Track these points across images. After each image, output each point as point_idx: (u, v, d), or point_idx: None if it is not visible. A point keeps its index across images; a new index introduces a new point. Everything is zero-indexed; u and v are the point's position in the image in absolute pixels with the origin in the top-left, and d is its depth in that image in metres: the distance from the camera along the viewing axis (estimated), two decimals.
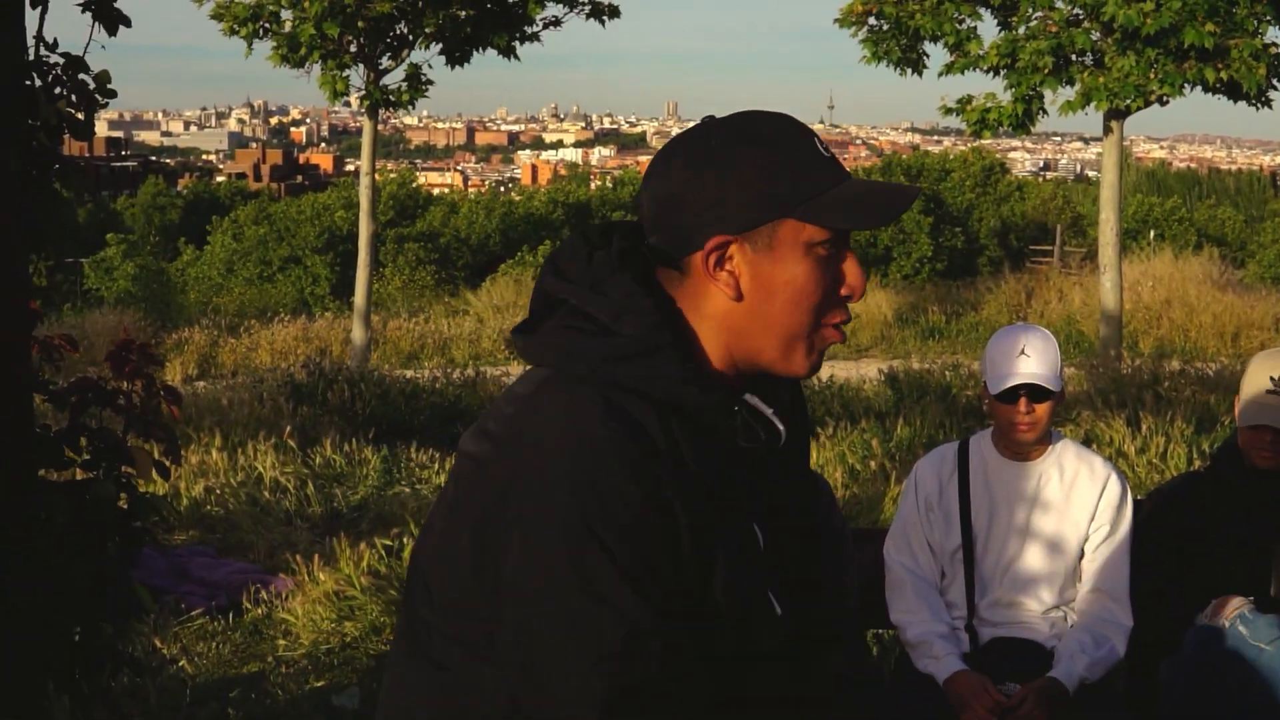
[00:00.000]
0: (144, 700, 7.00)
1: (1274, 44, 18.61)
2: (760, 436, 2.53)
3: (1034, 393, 4.89)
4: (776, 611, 2.52)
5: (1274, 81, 18.83)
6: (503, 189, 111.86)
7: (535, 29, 21.71)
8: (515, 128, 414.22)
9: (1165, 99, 18.60)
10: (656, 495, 2.27)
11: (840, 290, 2.48)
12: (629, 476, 2.25)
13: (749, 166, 2.39)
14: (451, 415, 15.27)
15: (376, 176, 23.29)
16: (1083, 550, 5.03)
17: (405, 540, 9.24)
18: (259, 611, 8.55)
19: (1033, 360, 4.89)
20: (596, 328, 2.39)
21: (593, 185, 69.06)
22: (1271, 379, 5.15)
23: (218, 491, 11.05)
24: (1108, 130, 19.90)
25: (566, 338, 2.40)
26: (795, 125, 2.47)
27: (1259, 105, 19.31)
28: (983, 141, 27.28)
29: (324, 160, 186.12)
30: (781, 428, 2.59)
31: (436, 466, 12.18)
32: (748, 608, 2.44)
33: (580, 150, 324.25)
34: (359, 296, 22.25)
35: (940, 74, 20.10)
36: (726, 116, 2.50)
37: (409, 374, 18.11)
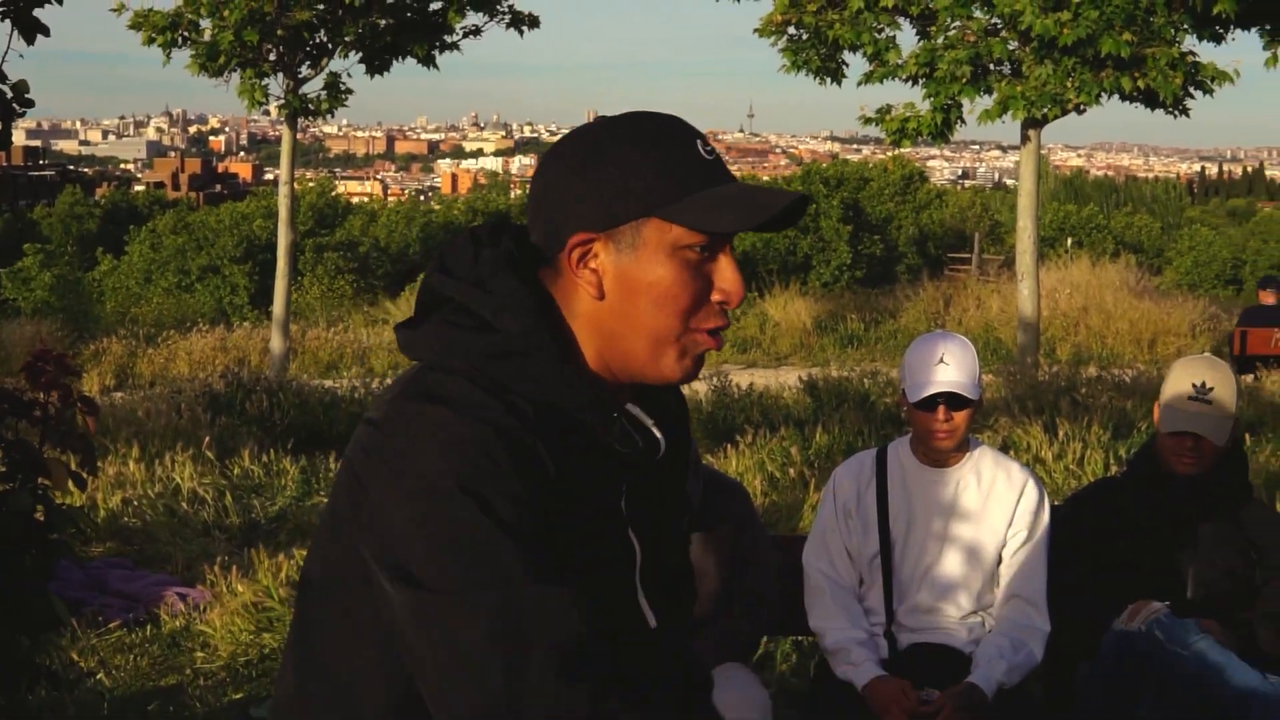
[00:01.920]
0: (62, 714, 6.94)
1: (1191, 53, 18.75)
2: (638, 444, 2.49)
3: (952, 400, 4.91)
4: (650, 623, 2.52)
5: (1190, 90, 18.96)
6: (422, 198, 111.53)
7: (455, 38, 21.66)
8: (435, 136, 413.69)
9: (1082, 108, 18.70)
10: (531, 471, 2.26)
11: (713, 295, 2.42)
12: (506, 450, 2.24)
13: (619, 164, 2.37)
14: None
15: (295, 185, 23.20)
16: (1000, 556, 5.05)
17: None
18: (177, 623, 8.48)
19: (951, 368, 4.91)
20: (477, 324, 2.38)
21: (513, 194, 69.20)
22: (1193, 385, 5.20)
23: (135, 503, 10.96)
24: (1025, 139, 20.00)
25: (447, 333, 2.39)
26: (678, 125, 2.44)
27: (1176, 114, 19.45)
28: (902, 150, 27.37)
29: (243, 169, 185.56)
30: (661, 438, 2.55)
31: None
32: (617, 617, 2.43)
33: (501, 159, 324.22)
34: (277, 306, 22.15)
35: (859, 83, 20.16)
36: (614, 116, 2.49)
37: (328, 384, 18.01)
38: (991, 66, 19.08)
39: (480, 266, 2.42)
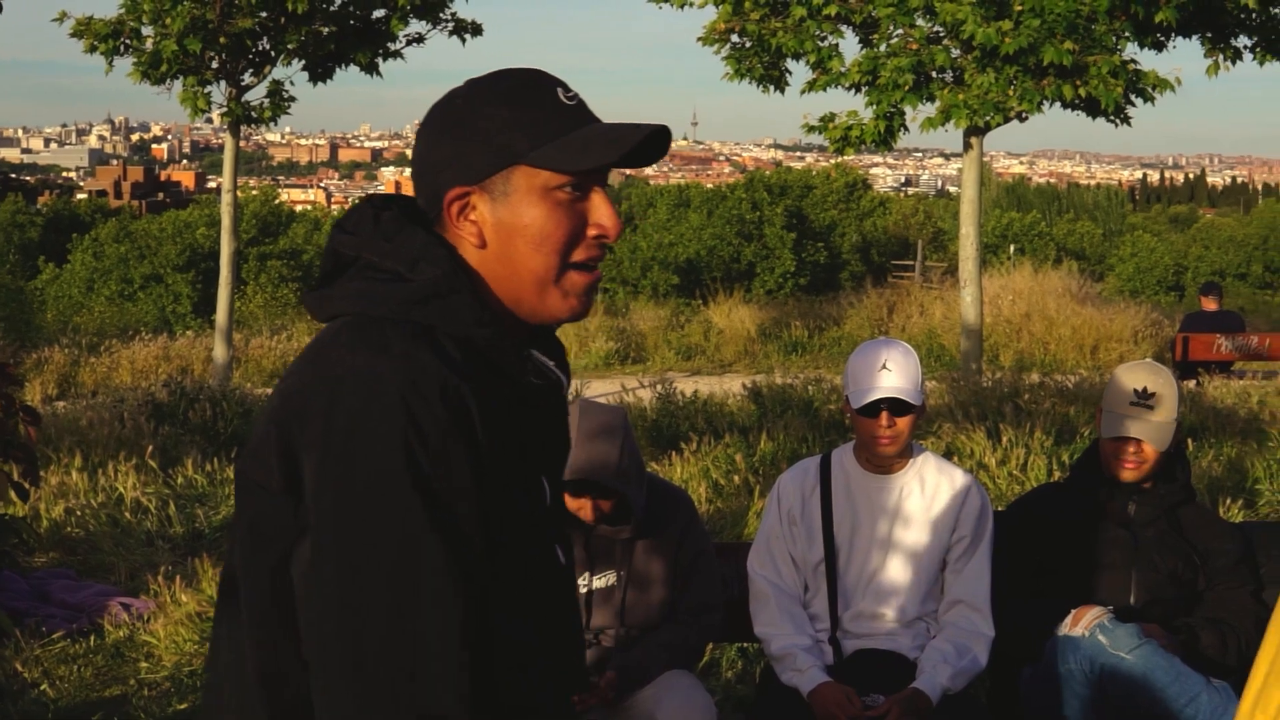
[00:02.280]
0: None
1: (1132, 61, 18.82)
2: (551, 378, 2.63)
3: (895, 406, 4.93)
4: (560, 560, 2.63)
5: (1131, 98, 19.05)
6: None
7: (398, 46, 21.63)
8: (379, 144, 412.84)
9: (1024, 115, 18.76)
10: (464, 420, 2.35)
11: (589, 230, 2.54)
12: (438, 398, 2.32)
13: (483, 120, 2.50)
14: None
15: (239, 194, 23.10)
16: (944, 561, 5.08)
17: None
18: (121, 634, 8.45)
19: (894, 374, 4.93)
20: (392, 276, 2.48)
21: None
22: (1135, 390, 5.23)
23: (78, 513, 10.90)
24: (968, 146, 20.06)
25: (365, 286, 2.48)
26: (538, 76, 2.57)
27: (1117, 121, 19.54)
28: (845, 158, 27.49)
29: (186, 177, 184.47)
30: (563, 378, 2.69)
31: None
32: (535, 557, 2.53)
33: None
34: (220, 315, 22.03)
35: (803, 91, 20.15)
36: (477, 76, 2.61)
37: (271, 392, 17.99)
38: (934, 74, 19.12)
39: (384, 226, 2.53)
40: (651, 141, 2.55)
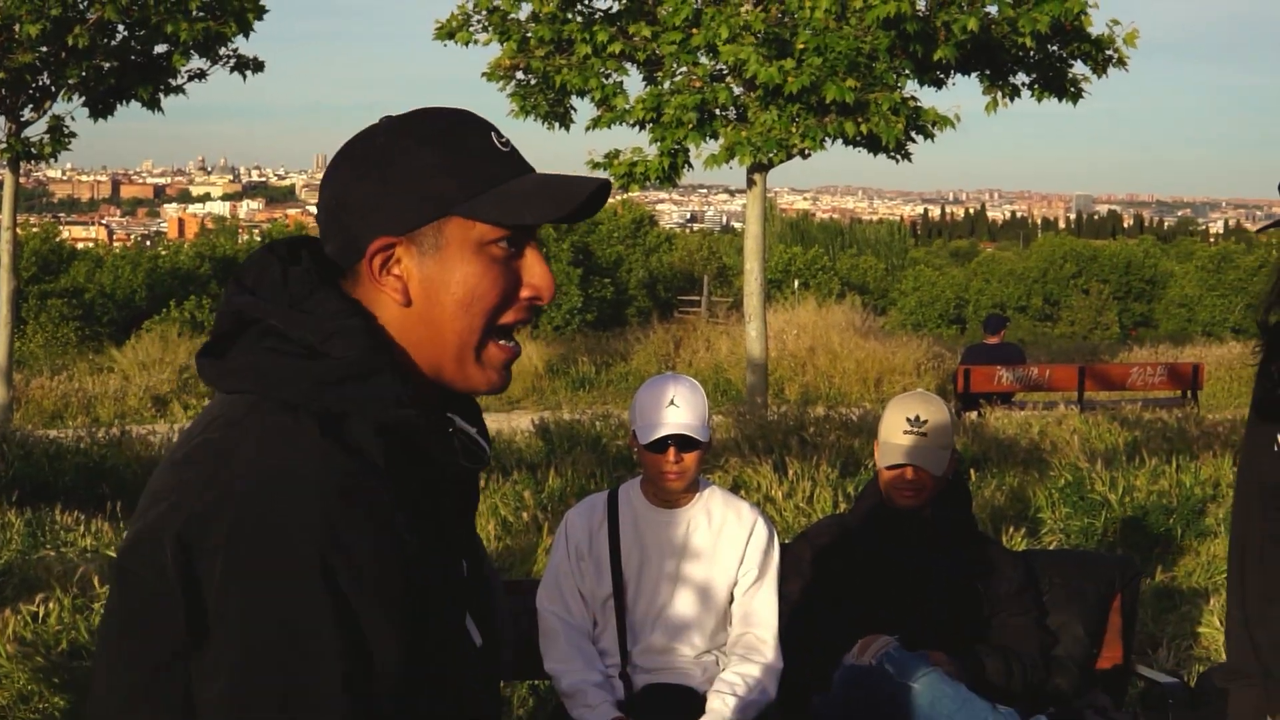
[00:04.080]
0: None
1: (913, 98, 19.14)
2: (479, 455, 2.45)
3: (682, 442, 4.95)
4: (476, 642, 2.44)
5: (912, 134, 19.36)
6: (149, 243, 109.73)
7: (180, 81, 21.40)
8: (162, 180, 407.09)
9: (807, 152, 18.97)
10: (388, 527, 2.14)
11: (522, 292, 2.35)
12: (363, 510, 2.12)
13: (412, 164, 2.28)
14: (98, 475, 14.87)
15: (18, 231, 22.70)
16: (732, 595, 5.10)
17: (51, 605, 8.97)
18: None
19: (681, 410, 4.95)
20: (302, 349, 2.23)
21: (241, 238, 68.36)
22: (908, 419, 5.31)
23: None
24: (751, 183, 20.25)
25: (269, 360, 2.23)
26: (468, 119, 2.37)
27: (898, 158, 19.88)
28: (631, 194, 27.54)
29: None
30: (486, 447, 2.50)
31: (82, 529, 11.85)
32: (452, 639, 2.35)
33: (228, 203, 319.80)
34: None
35: (588, 128, 20.26)
36: (400, 114, 2.39)
37: (53, 434, 17.64)
38: (718, 112, 19.30)
39: (292, 285, 2.28)
40: (592, 195, 2.33)
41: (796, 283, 55.59)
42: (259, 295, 2.28)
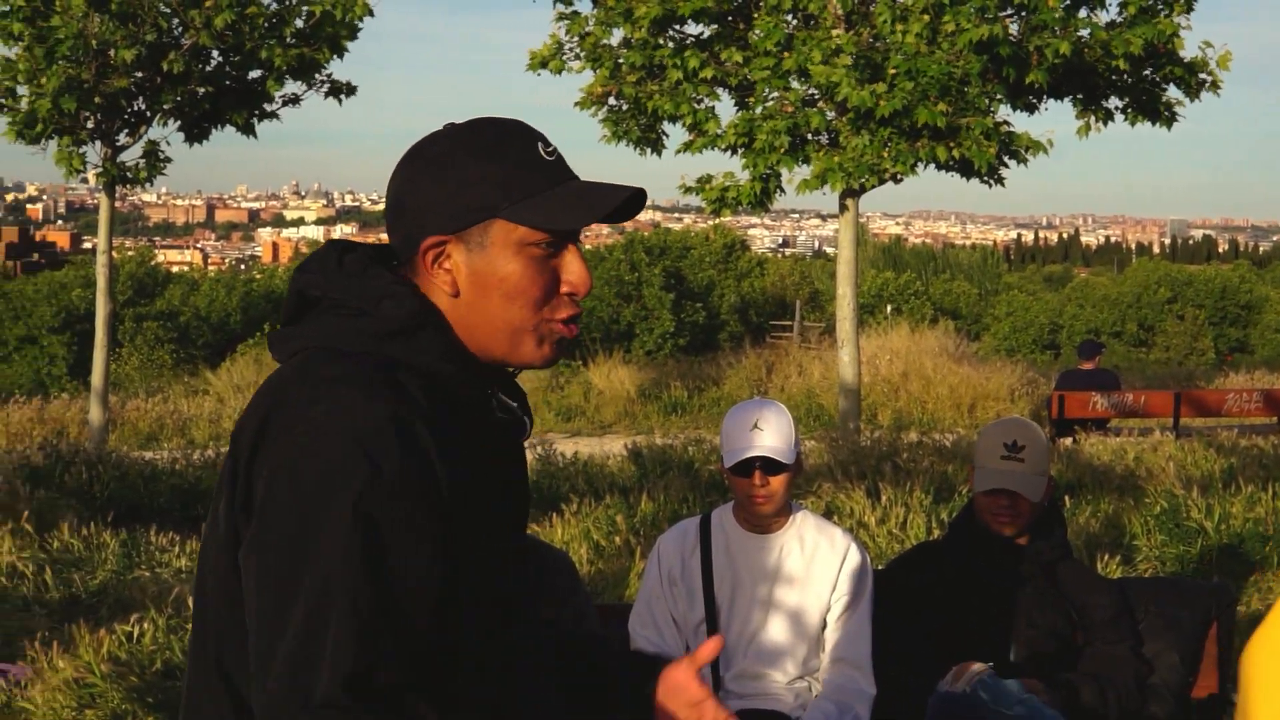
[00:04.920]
0: None
1: (1005, 122, 19.04)
2: (515, 413, 2.69)
3: (768, 465, 4.94)
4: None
5: (1005, 159, 19.27)
6: (243, 267, 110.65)
7: (274, 106, 21.51)
8: (256, 205, 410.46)
9: (899, 177, 18.91)
10: (422, 457, 2.40)
11: (561, 287, 2.61)
12: (396, 437, 2.37)
13: (464, 170, 2.55)
14: (192, 497, 15.01)
15: (114, 254, 22.88)
16: (825, 621, 5.08)
17: (145, 625, 9.04)
18: None
19: (766, 433, 4.94)
20: (357, 311, 2.53)
21: None
22: (1004, 444, 5.28)
23: None
24: (844, 208, 20.18)
25: (331, 321, 2.54)
26: (521, 129, 2.62)
27: (991, 182, 19.77)
28: (722, 219, 27.58)
29: (61, 238, 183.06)
30: (527, 421, 2.74)
31: (177, 550, 11.96)
32: (504, 579, 2.61)
33: (322, 228, 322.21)
34: (96, 376, 21.78)
35: (679, 152, 20.25)
36: (460, 123, 2.66)
37: (148, 455, 17.79)
38: (809, 136, 19.25)
39: (348, 267, 2.59)
40: (627, 201, 2.60)
41: (889, 308, 55.44)
42: (322, 275, 2.59)
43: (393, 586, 2.33)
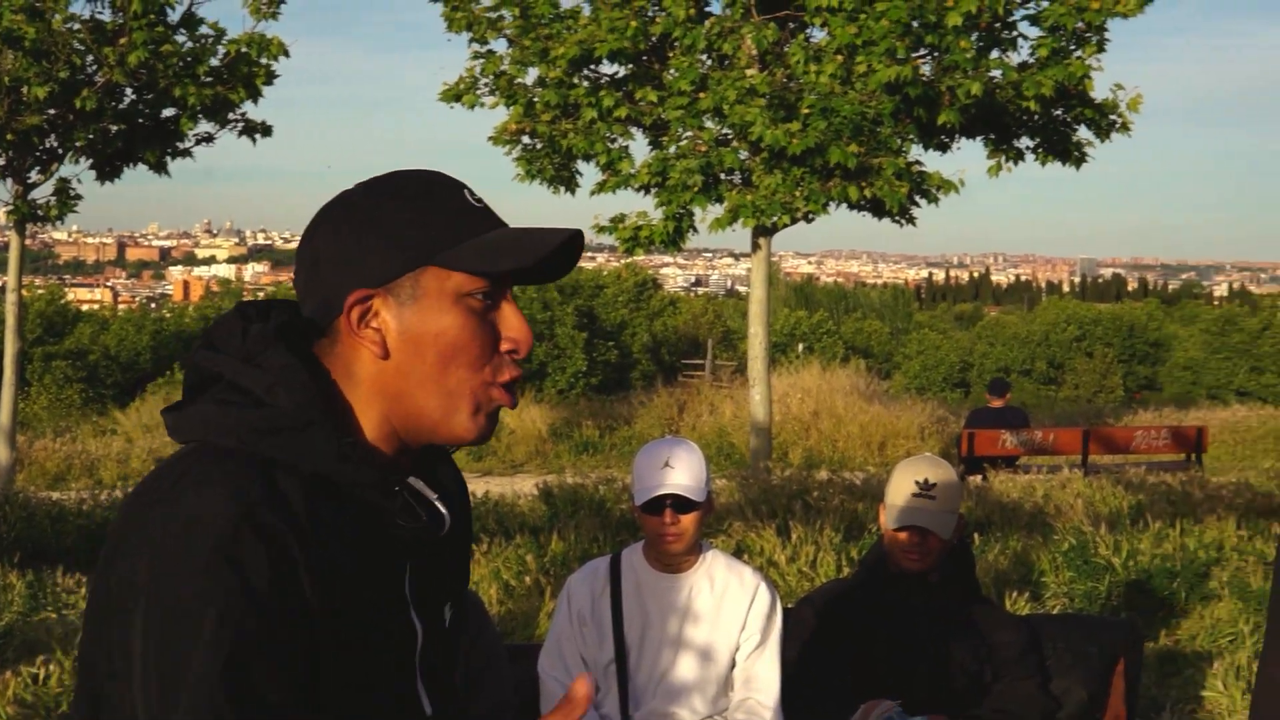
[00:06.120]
0: None
1: (917, 162, 19.20)
2: (421, 519, 2.40)
3: (679, 503, 4.95)
4: (426, 710, 2.43)
5: (916, 199, 19.41)
6: (154, 305, 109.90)
7: (187, 144, 21.42)
8: (167, 243, 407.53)
9: (811, 216, 19.00)
10: (289, 574, 2.15)
11: (501, 345, 2.36)
12: (262, 552, 2.13)
13: (388, 219, 2.31)
14: (100, 538, 14.74)
15: (24, 292, 22.71)
16: (734, 659, 5.09)
17: (52, 668, 8.96)
18: None
19: (677, 471, 4.95)
20: (249, 400, 2.26)
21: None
22: (916, 482, 5.31)
23: None
24: (756, 246, 20.28)
25: (215, 411, 2.26)
26: (443, 178, 2.40)
27: (902, 222, 19.91)
28: (635, 258, 27.59)
29: None
30: (445, 513, 2.45)
31: (83, 591, 11.86)
32: (394, 703, 2.36)
33: (234, 266, 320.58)
34: (3, 416, 21.57)
35: (593, 192, 20.31)
36: (375, 176, 2.42)
37: (55, 495, 17.64)
38: (723, 176, 19.35)
39: (249, 342, 2.31)
40: (565, 249, 2.36)
41: (801, 346, 55.74)
42: (219, 351, 2.33)
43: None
